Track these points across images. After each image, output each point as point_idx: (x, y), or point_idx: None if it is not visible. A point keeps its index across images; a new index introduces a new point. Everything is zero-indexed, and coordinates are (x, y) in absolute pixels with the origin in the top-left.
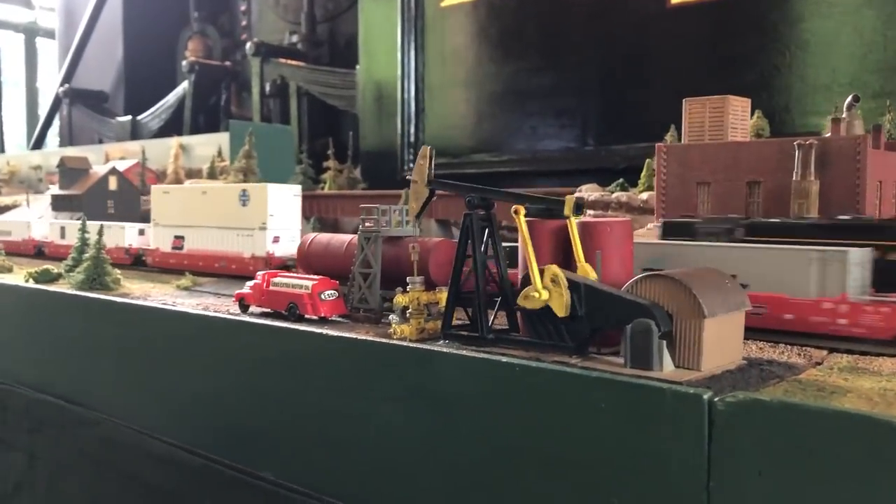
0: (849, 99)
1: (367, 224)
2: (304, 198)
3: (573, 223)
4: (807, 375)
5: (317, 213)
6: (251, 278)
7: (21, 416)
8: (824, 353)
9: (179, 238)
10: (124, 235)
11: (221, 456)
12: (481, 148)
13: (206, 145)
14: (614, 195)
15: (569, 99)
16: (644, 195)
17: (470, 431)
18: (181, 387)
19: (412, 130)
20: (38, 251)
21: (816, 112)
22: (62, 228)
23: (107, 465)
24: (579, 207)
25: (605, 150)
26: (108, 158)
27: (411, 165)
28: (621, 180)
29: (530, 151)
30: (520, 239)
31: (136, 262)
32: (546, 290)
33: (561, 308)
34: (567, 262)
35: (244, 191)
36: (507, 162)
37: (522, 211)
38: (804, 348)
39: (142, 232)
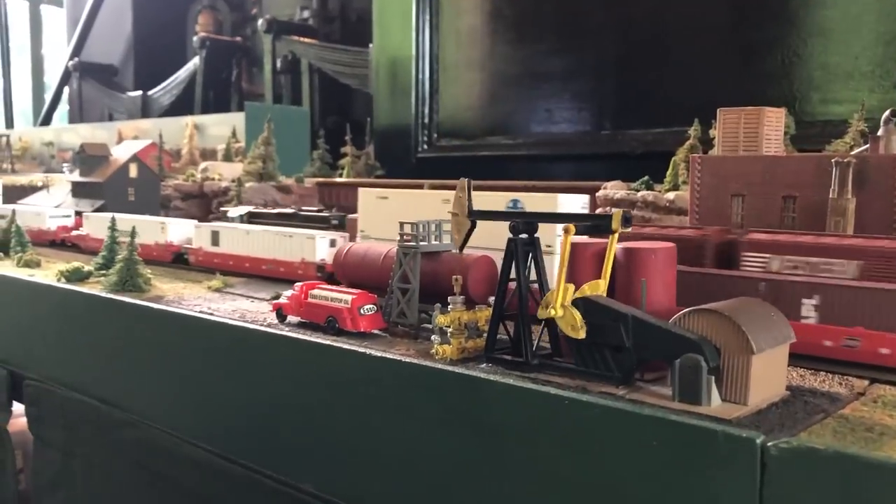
0: (886, 114)
1: (405, 239)
2: (323, 185)
3: (615, 239)
4: (851, 410)
5: (336, 200)
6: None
7: (56, 414)
8: (865, 382)
9: None
10: (314, 248)
11: (260, 465)
12: (496, 130)
13: (220, 125)
14: (640, 194)
15: (585, 82)
16: (671, 195)
17: (512, 460)
18: (220, 393)
19: (426, 111)
20: (179, 258)
21: (838, 100)
22: (214, 233)
23: (144, 467)
24: (627, 221)
25: (621, 135)
26: (121, 137)
27: (426, 146)
28: (646, 178)
29: (545, 134)
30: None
31: (332, 281)
32: (563, 308)
33: (568, 327)
34: (610, 288)
35: (516, 201)
36: (521, 145)
37: (573, 230)
38: (844, 377)
39: (333, 243)
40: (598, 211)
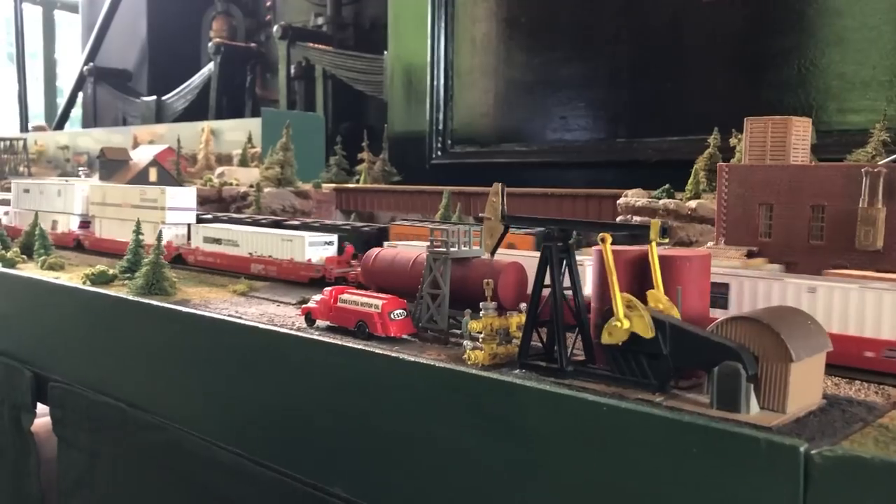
0: None
1: (436, 245)
2: (341, 190)
3: (654, 248)
4: (890, 420)
5: (353, 206)
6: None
7: (80, 416)
8: None
9: None
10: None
11: (289, 468)
12: (510, 137)
13: (236, 130)
14: (661, 202)
15: (600, 90)
16: (692, 203)
17: (547, 466)
18: (247, 397)
19: (441, 118)
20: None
21: (855, 110)
22: None
23: (169, 469)
24: (665, 231)
25: (636, 143)
26: (136, 141)
27: (440, 153)
28: (667, 186)
29: (560, 142)
30: (595, 269)
31: None
32: (627, 318)
33: (646, 329)
34: (640, 294)
35: None
36: (536, 152)
37: (609, 239)
38: (881, 386)
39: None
40: (620, 219)
